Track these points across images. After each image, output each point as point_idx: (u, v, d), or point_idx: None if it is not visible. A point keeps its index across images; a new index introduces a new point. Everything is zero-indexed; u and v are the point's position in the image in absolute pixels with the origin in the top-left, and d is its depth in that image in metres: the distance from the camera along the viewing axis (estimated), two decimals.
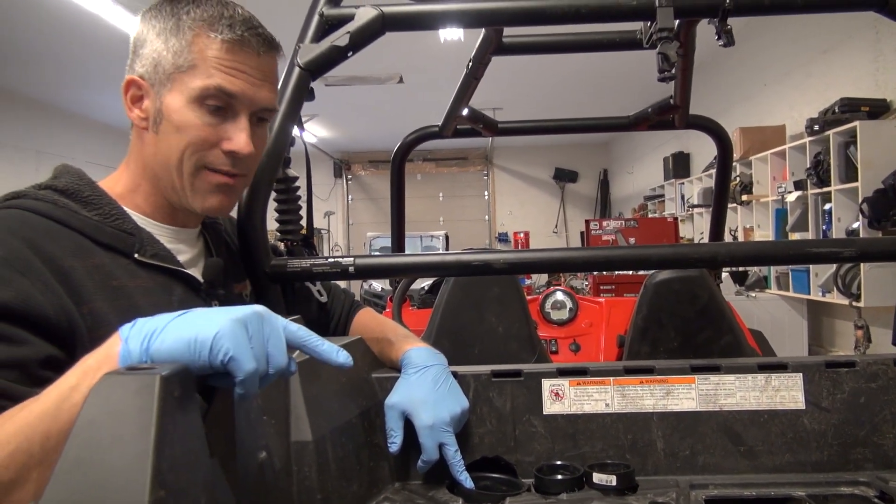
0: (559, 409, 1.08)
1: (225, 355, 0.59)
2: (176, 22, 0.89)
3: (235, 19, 0.90)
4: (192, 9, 0.90)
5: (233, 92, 0.89)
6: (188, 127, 0.89)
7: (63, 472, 0.51)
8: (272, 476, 0.84)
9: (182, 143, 0.89)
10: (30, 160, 8.40)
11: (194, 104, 0.88)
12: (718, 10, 1.16)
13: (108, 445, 0.51)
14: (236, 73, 0.89)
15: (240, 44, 0.89)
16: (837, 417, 1.06)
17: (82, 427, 0.53)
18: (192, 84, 0.88)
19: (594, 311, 2.58)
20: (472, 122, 1.95)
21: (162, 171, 0.92)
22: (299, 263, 1.06)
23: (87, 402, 0.54)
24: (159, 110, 0.90)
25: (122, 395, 0.54)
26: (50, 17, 5.66)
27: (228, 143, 0.91)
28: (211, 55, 0.88)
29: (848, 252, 1.02)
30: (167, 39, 0.89)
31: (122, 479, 0.50)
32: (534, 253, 1.06)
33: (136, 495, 0.49)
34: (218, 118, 0.90)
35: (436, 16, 1.17)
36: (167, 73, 0.89)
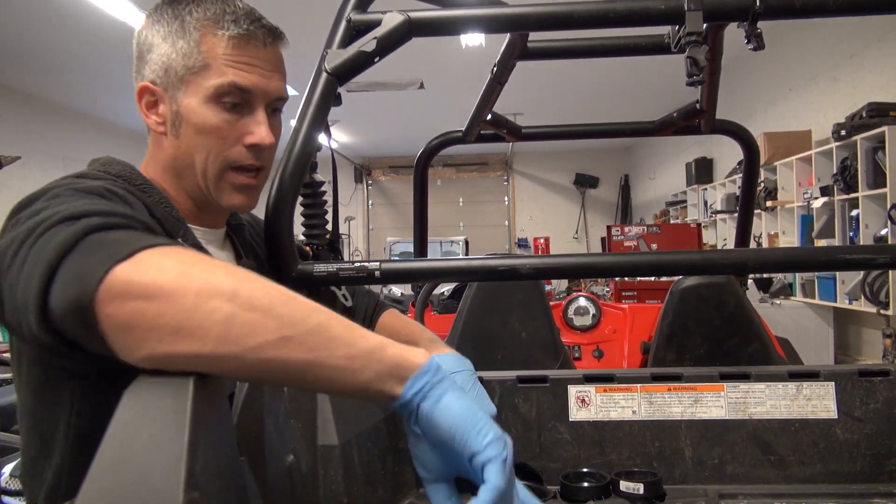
0: (585, 416, 1.07)
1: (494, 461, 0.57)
2: (180, 24, 0.90)
3: (238, 14, 0.90)
4: (194, 9, 0.90)
5: (247, 86, 0.90)
6: (208, 126, 0.89)
7: (99, 472, 0.51)
8: (300, 479, 0.84)
9: (205, 144, 0.90)
10: (58, 166, 8.55)
11: (211, 103, 0.89)
12: (749, 13, 1.15)
13: (143, 447, 0.52)
14: (247, 67, 0.89)
15: (247, 38, 0.90)
16: (871, 427, 1.04)
17: (118, 428, 0.53)
18: (206, 83, 0.88)
19: (618, 317, 2.56)
20: (495, 127, 1.95)
21: (186, 171, 0.93)
22: (326, 268, 1.06)
23: (122, 403, 0.54)
24: (177, 113, 0.90)
25: (156, 399, 0.54)
26: (76, 24, 5.77)
27: (250, 137, 0.91)
28: (220, 52, 0.88)
29: (882, 259, 1.00)
30: (174, 42, 0.89)
31: (156, 480, 0.50)
32: (560, 258, 1.05)
33: (170, 496, 0.49)
34: (235, 114, 0.90)
35: (463, 21, 1.17)
36: (179, 75, 0.89)
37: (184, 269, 0.56)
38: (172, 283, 0.55)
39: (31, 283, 0.58)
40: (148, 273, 0.55)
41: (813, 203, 5.23)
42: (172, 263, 0.57)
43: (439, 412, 0.59)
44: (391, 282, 1.13)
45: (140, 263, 0.56)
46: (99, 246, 0.58)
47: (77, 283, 0.56)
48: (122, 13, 5.38)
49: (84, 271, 0.56)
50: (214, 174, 0.92)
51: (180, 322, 0.54)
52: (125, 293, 0.55)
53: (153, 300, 0.54)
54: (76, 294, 0.55)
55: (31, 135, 7.94)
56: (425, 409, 0.60)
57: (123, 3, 5.23)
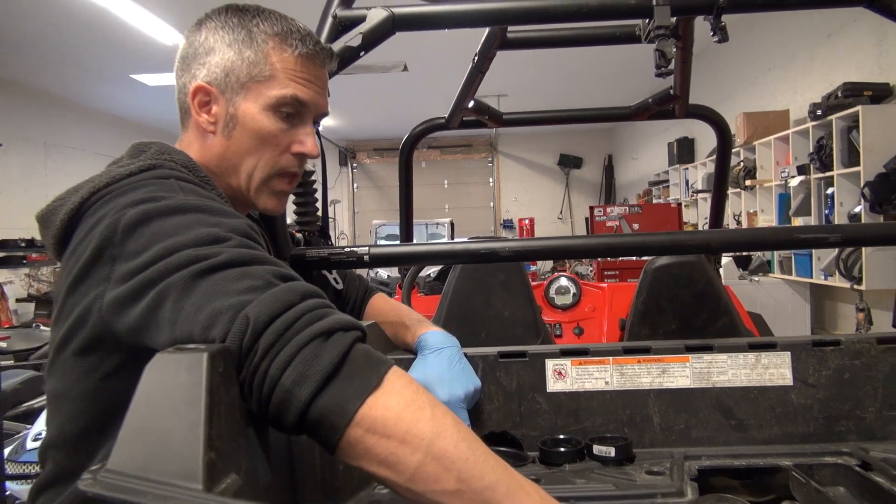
0: (562, 387, 1.16)
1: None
2: (248, 34, 0.95)
3: (303, 34, 0.96)
4: (260, 22, 0.95)
5: (305, 101, 0.96)
6: (265, 132, 0.95)
7: (126, 439, 0.58)
8: (298, 448, 0.91)
9: (259, 148, 0.96)
10: (39, 152, 8.49)
11: (269, 111, 0.94)
12: (713, 8, 1.22)
13: (165, 415, 0.59)
14: (307, 83, 0.96)
15: (311, 57, 0.96)
16: (823, 393, 1.13)
17: (141, 400, 0.60)
18: (269, 93, 0.94)
19: (597, 295, 2.65)
20: (477, 113, 2.01)
21: (228, 170, 0.98)
22: (317, 252, 1.13)
23: (143, 378, 0.61)
24: (233, 116, 0.95)
25: (174, 371, 0.61)
26: (59, 10, 5.72)
27: (300, 146, 0.98)
28: (287, 67, 0.94)
29: (833, 238, 1.09)
30: (241, 51, 0.94)
31: (178, 444, 0.57)
32: (537, 241, 1.13)
33: (191, 457, 0.56)
34: (288, 124, 0.96)
35: (445, 16, 1.23)
36: (241, 81, 0.94)
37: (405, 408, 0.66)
38: (399, 427, 0.65)
39: (299, 394, 0.65)
40: (389, 412, 0.66)
41: (790, 182, 5.34)
42: (398, 401, 0.67)
43: None
44: (379, 265, 1.20)
45: (381, 397, 0.66)
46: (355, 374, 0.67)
47: (338, 413, 0.65)
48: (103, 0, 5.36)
49: (345, 404, 0.65)
50: (261, 177, 0.98)
51: (392, 457, 0.65)
52: (371, 429, 0.65)
53: (383, 438, 0.65)
54: (334, 421, 0.65)
55: (11, 122, 7.87)
56: None
57: None
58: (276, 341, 0.66)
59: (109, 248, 0.77)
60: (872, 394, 1.13)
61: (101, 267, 0.78)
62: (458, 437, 0.67)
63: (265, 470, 0.75)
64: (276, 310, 0.67)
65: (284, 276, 0.72)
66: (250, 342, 0.66)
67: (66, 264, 0.83)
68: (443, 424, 0.67)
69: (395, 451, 0.65)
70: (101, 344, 0.80)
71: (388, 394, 0.67)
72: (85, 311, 0.79)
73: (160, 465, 0.56)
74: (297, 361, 0.66)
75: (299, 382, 0.65)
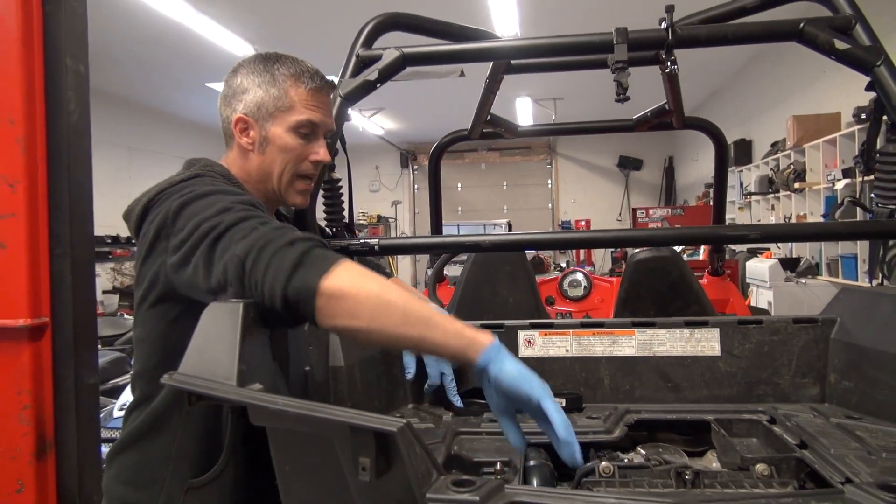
0: (531, 353, 1.44)
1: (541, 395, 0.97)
2: (271, 76, 1.28)
3: (312, 73, 1.31)
4: (280, 66, 1.29)
5: (317, 122, 1.30)
6: (289, 148, 1.29)
7: (191, 354, 0.91)
8: (314, 387, 1.23)
9: (285, 159, 1.30)
10: (123, 156, 9.24)
11: (291, 132, 1.29)
12: (664, 44, 1.47)
13: (216, 340, 0.91)
14: (317, 109, 1.30)
15: (318, 89, 1.30)
16: (745, 362, 1.37)
17: (199, 332, 0.93)
18: (290, 119, 1.28)
19: (606, 289, 2.89)
20: (494, 126, 2.30)
21: (264, 178, 1.31)
22: (339, 243, 1.45)
23: (201, 319, 0.94)
24: (265, 138, 1.28)
25: (222, 314, 0.94)
26: (144, 25, 6.31)
27: (316, 156, 1.31)
28: (302, 99, 1.29)
29: (753, 234, 1.32)
30: (267, 90, 1.27)
31: (222, 357, 0.90)
32: (513, 235, 1.41)
33: (230, 365, 0.88)
34: (305, 140, 1.30)
35: (445, 55, 1.53)
36: (269, 112, 1.27)
37: (353, 280, 0.98)
38: (351, 290, 0.97)
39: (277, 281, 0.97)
40: (338, 283, 0.96)
41: (836, 185, 5.37)
42: (347, 277, 0.98)
43: (504, 374, 0.98)
44: (387, 253, 1.51)
45: (333, 277, 0.96)
46: (311, 264, 0.98)
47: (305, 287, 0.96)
48: (179, 15, 5.90)
49: (307, 281, 0.96)
50: (287, 180, 1.31)
51: (352, 311, 0.96)
52: (328, 295, 0.96)
53: (342, 300, 0.96)
54: (305, 294, 0.96)
55: (99, 127, 8.55)
56: (493, 371, 0.98)
57: (182, 5, 5.74)
58: (256, 259, 0.98)
59: (165, 229, 1.12)
60: (787, 364, 1.36)
61: (161, 242, 1.13)
62: (399, 291, 0.99)
63: (285, 391, 1.07)
64: (251, 243, 1.00)
65: (265, 223, 1.04)
66: (240, 271, 0.99)
67: (140, 244, 1.19)
68: (388, 286, 0.99)
69: (355, 306, 0.95)
70: (167, 298, 1.16)
71: (340, 272, 0.97)
72: (154, 276, 1.15)
73: (210, 371, 0.89)
74: (271, 266, 0.97)
75: (275, 277, 0.97)
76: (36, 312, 1.91)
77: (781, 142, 6.86)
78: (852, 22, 1.43)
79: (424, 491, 0.78)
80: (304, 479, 0.91)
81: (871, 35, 1.42)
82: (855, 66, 1.40)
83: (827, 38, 1.40)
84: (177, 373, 0.89)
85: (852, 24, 1.43)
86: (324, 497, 0.88)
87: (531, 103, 9.89)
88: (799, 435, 1.16)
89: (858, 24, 1.43)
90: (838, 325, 1.36)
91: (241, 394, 0.85)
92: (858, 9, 1.46)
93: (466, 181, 14.02)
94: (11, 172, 1.87)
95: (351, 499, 0.83)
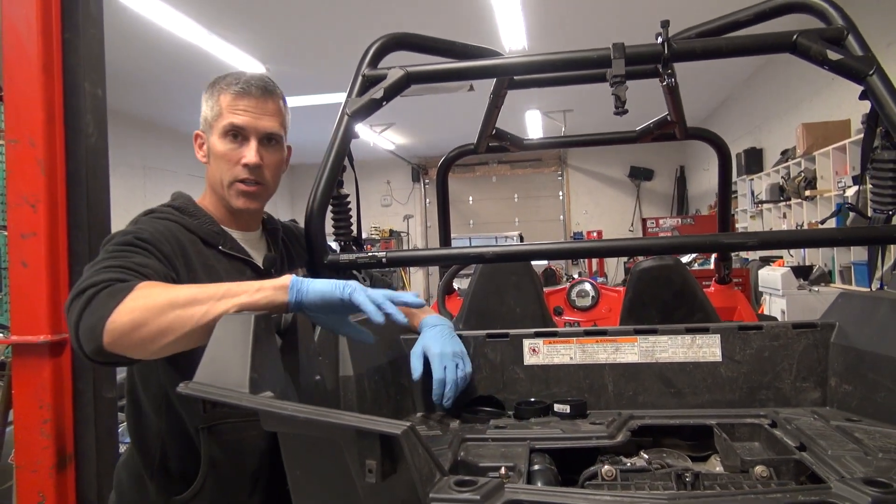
0: (536, 361, 1.47)
1: (350, 291, 1.06)
2: (212, 92, 1.39)
3: (241, 79, 1.38)
4: (220, 82, 1.39)
5: (239, 124, 1.36)
6: (220, 153, 1.37)
7: (206, 364, 0.95)
8: (325, 395, 1.27)
9: (220, 166, 1.38)
10: (138, 175, 9.38)
11: (221, 137, 1.37)
12: (660, 58, 1.51)
13: (229, 349, 0.96)
14: (241, 112, 1.36)
15: (242, 93, 1.37)
16: (746, 367, 1.40)
17: (215, 341, 0.97)
18: (219, 125, 1.37)
19: (613, 299, 2.91)
20: (499, 140, 2.34)
21: (217, 187, 1.40)
22: (347, 257, 1.49)
23: (217, 327, 0.98)
24: (209, 148, 1.39)
25: (235, 325, 0.98)
26: (155, 47, 6.45)
27: (244, 158, 1.37)
28: (227, 104, 1.37)
29: (751, 242, 1.35)
30: (208, 102, 1.39)
31: (235, 366, 0.94)
32: (516, 246, 1.45)
33: (242, 374, 0.93)
34: (236, 144, 1.37)
35: (447, 73, 1.58)
36: (209, 123, 1.38)
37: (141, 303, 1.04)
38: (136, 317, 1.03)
39: (73, 341, 1.08)
40: (123, 318, 1.03)
41: (847, 192, 5.37)
42: (133, 304, 1.04)
43: (311, 293, 1.07)
44: (393, 266, 1.55)
45: (117, 314, 1.03)
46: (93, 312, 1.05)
47: (93, 339, 1.03)
48: (194, 37, 6.02)
49: (92, 330, 1.04)
50: (226, 184, 1.38)
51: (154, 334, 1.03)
52: (118, 334, 1.03)
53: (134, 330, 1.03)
54: (95, 345, 1.04)
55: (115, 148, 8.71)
56: (304, 298, 1.07)
57: (196, 28, 5.86)
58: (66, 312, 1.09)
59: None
60: (788, 368, 1.38)
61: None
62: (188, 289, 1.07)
63: (295, 399, 1.11)
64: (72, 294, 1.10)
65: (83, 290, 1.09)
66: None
67: None
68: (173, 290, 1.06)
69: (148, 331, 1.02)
70: None
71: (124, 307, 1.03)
72: None
73: (223, 380, 0.93)
74: (70, 323, 1.07)
75: (71, 329, 1.07)
76: (56, 329, 1.99)
77: (792, 150, 6.86)
78: (844, 33, 1.46)
79: (428, 491, 0.81)
80: (314, 484, 0.94)
81: (864, 45, 1.45)
82: (848, 76, 1.43)
83: (820, 50, 1.44)
84: (192, 381, 0.94)
85: (844, 34, 1.46)
86: (333, 501, 0.92)
87: (540, 116, 9.95)
88: (798, 438, 1.18)
89: (851, 34, 1.46)
90: (837, 329, 1.38)
91: (252, 400, 0.89)
92: (851, 20, 1.49)
93: (478, 194, 14.08)
94: (32, 193, 1.95)
95: (359, 501, 0.86)
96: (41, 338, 1.90)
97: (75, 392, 2.00)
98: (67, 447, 1.99)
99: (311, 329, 1.23)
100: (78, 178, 1.95)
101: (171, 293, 1.06)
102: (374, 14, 6.04)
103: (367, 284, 1.63)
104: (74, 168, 1.95)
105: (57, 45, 1.93)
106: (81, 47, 1.93)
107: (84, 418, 2.01)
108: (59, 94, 1.94)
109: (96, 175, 2.01)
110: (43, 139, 1.89)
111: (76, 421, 2.00)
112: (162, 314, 1.02)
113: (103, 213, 2.04)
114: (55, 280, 1.94)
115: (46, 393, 1.92)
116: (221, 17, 5.87)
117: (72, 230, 1.97)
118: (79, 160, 1.95)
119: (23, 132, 1.90)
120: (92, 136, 1.99)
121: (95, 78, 1.98)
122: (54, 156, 1.92)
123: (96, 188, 2.01)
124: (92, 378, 2.02)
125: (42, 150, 1.88)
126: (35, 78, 1.90)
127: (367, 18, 6.16)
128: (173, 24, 5.74)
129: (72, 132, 1.95)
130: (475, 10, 6.00)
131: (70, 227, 1.97)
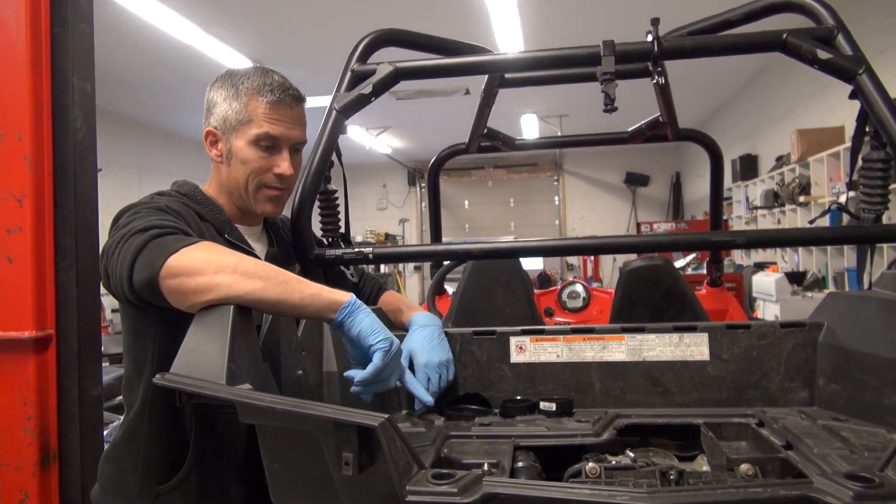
0: (522, 359, 1.46)
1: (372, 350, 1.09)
2: (235, 90, 1.34)
3: (274, 85, 1.35)
4: (244, 80, 1.35)
5: (275, 135, 1.34)
6: (249, 160, 1.34)
7: (183, 354, 0.94)
8: (308, 389, 1.26)
9: (247, 171, 1.35)
10: (133, 176, 9.36)
11: (252, 145, 1.34)
12: (650, 56, 1.51)
13: (207, 341, 0.95)
14: (277, 122, 1.34)
15: (278, 103, 1.34)
16: (734, 367, 1.39)
17: (193, 332, 0.96)
18: (250, 132, 1.33)
19: (605, 300, 2.90)
20: (490, 139, 2.34)
21: (234, 189, 1.38)
22: (334, 252, 1.48)
23: (194, 320, 0.97)
24: (230, 150, 1.35)
25: (213, 317, 0.97)
26: (152, 48, 6.43)
27: (277, 169, 1.36)
28: (261, 112, 1.33)
29: (739, 240, 1.34)
30: (231, 104, 1.34)
31: (213, 357, 0.93)
32: (502, 244, 1.44)
33: (220, 364, 0.91)
34: (267, 153, 1.35)
35: (435, 69, 1.57)
36: (232, 125, 1.34)
37: (206, 256, 1.05)
38: (199, 265, 1.03)
39: (123, 269, 1.07)
40: (186, 261, 1.04)
41: (841, 198, 5.38)
42: (200, 254, 1.05)
43: (354, 324, 1.08)
44: (380, 262, 1.54)
45: (182, 255, 1.05)
46: (158, 246, 1.07)
47: (148, 268, 1.04)
48: (188, 38, 6.02)
49: (151, 262, 1.04)
50: (253, 190, 1.37)
51: (204, 286, 1.03)
52: (174, 273, 1.03)
53: (190, 276, 1.03)
54: (148, 275, 1.04)
55: (110, 148, 8.72)
56: (347, 324, 1.08)
57: (191, 27, 5.85)
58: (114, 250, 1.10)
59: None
60: (776, 368, 1.38)
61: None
62: (254, 262, 1.07)
63: (276, 393, 1.09)
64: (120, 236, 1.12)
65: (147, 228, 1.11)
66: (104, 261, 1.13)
67: None
68: (242, 257, 1.07)
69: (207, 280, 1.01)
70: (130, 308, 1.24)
71: (189, 251, 1.04)
72: None
73: (200, 371, 0.92)
74: (121, 256, 1.07)
75: (121, 264, 1.06)
76: (41, 325, 1.96)
77: (786, 156, 6.87)
78: (834, 32, 1.46)
79: (405, 484, 0.80)
80: (292, 477, 0.93)
81: (853, 45, 1.45)
82: (837, 75, 1.42)
83: (809, 49, 1.43)
84: (168, 373, 0.92)
85: (834, 34, 1.46)
86: (311, 494, 0.91)
87: (536, 120, 9.97)
88: (785, 436, 1.17)
89: (840, 34, 1.46)
90: (825, 328, 1.37)
91: (230, 392, 0.88)
92: (840, 20, 1.49)
93: (473, 198, 14.08)
94: (19, 188, 1.93)
95: (337, 494, 0.85)
96: (25, 333, 1.88)
97: (60, 389, 1.97)
98: (51, 444, 1.96)
99: (293, 323, 1.21)
100: (65, 173, 1.94)
101: (237, 258, 1.07)
102: (370, 15, 6.05)
103: (354, 280, 1.62)
104: (62, 163, 1.93)
105: (46, 39, 1.91)
106: (70, 42, 1.91)
107: (68, 416, 1.98)
108: (47, 88, 1.93)
109: (84, 171, 2.00)
110: (30, 134, 1.87)
111: (60, 418, 1.98)
112: (220, 272, 1.03)
113: (90, 209, 2.02)
114: (41, 275, 1.92)
115: (30, 389, 1.90)
116: (216, 17, 5.86)
117: (58, 226, 1.95)
118: (66, 155, 1.94)
119: (10, 126, 1.89)
120: (80, 132, 1.97)
121: (84, 73, 1.96)
122: (42, 151, 1.90)
123: (84, 184, 1.99)
124: (77, 375, 2.00)
125: (29, 144, 1.87)
126: (23, 72, 1.88)
127: (362, 19, 6.16)
128: (170, 24, 5.73)
129: (60, 127, 1.94)
130: (471, 14, 6.00)
131: (56, 223, 1.95)
